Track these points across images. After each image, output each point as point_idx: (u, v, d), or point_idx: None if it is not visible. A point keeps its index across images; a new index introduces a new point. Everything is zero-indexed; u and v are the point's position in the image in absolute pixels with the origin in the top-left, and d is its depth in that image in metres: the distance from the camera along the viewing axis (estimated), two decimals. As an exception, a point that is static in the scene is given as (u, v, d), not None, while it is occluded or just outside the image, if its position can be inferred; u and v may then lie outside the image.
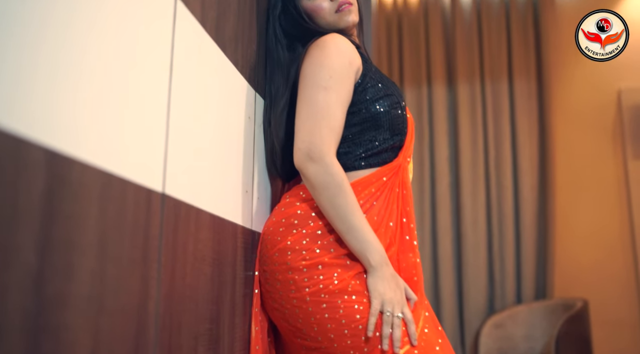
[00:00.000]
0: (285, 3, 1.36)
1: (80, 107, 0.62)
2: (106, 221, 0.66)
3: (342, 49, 1.24)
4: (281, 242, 1.19)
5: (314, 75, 1.21)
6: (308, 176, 1.16)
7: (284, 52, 1.36)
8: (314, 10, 1.33)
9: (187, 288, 0.88)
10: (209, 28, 0.98)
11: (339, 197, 1.14)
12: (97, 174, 0.65)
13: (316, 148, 1.15)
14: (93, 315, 0.63)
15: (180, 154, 0.86)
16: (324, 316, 1.13)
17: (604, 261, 3.60)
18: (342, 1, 1.32)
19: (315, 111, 1.18)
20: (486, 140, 3.84)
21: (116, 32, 0.69)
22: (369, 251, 1.14)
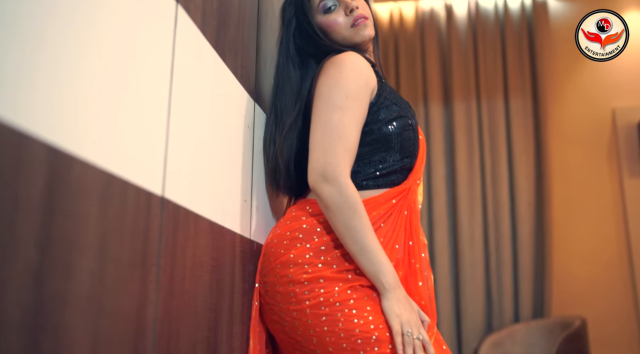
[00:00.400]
0: (299, 19, 1.34)
1: (81, 106, 0.62)
2: (106, 222, 0.66)
3: (358, 68, 1.22)
4: (284, 255, 1.18)
5: (330, 94, 1.19)
6: (322, 196, 1.14)
7: (295, 70, 1.34)
8: (329, 26, 1.32)
9: (185, 293, 0.87)
10: (209, 36, 0.99)
11: (353, 219, 1.12)
12: (98, 174, 0.65)
13: (331, 168, 1.13)
14: (92, 316, 0.63)
15: (179, 158, 0.86)
16: (323, 329, 1.11)
17: (602, 278, 3.59)
18: (358, 15, 1.31)
19: (331, 131, 1.16)
20: (482, 158, 3.85)
21: (117, 35, 0.70)
22: (382, 274, 1.12)
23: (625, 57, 3.86)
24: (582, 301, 3.57)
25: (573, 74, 3.95)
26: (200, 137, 0.94)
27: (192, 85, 0.91)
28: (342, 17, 1.32)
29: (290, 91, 1.32)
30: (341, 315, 1.11)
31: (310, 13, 1.33)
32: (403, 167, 1.28)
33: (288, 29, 1.35)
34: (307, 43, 1.34)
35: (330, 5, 1.32)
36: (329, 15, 1.32)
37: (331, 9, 1.32)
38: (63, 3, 0.60)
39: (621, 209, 3.68)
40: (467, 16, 4.07)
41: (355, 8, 1.32)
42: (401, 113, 1.27)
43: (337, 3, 1.32)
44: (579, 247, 3.68)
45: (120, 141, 0.70)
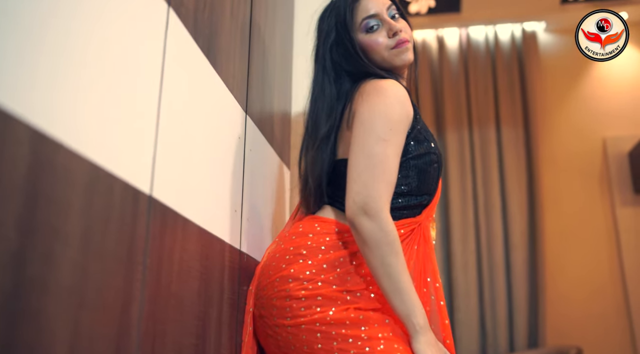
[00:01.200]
0: (340, 34, 1.30)
1: (71, 95, 0.62)
2: (91, 213, 0.65)
3: (401, 100, 1.19)
4: (285, 269, 1.16)
5: (373, 124, 1.16)
6: (361, 230, 1.10)
7: (330, 85, 1.29)
8: (370, 45, 1.29)
9: (172, 296, 0.86)
10: (201, 43, 1.00)
11: (391, 256, 1.09)
12: (84, 164, 0.64)
13: (373, 202, 1.10)
14: (74, 307, 0.61)
15: (168, 159, 0.86)
16: (317, 346, 1.09)
17: (596, 307, 3.56)
18: (401, 39, 1.27)
19: (373, 164, 1.12)
20: (475, 187, 3.86)
21: (110, 30, 0.70)
22: (414, 315, 1.08)
23: (615, 87, 3.93)
24: (577, 330, 3.53)
25: (564, 103, 4.00)
26: (189, 141, 0.94)
27: (182, 87, 0.91)
28: (383, 38, 1.28)
29: (323, 107, 1.28)
30: (336, 333, 1.08)
31: (352, 29, 1.29)
32: (420, 204, 1.25)
33: (326, 40, 1.32)
34: (344, 59, 1.30)
35: (374, 24, 1.29)
36: (370, 35, 1.29)
37: (373, 29, 1.29)
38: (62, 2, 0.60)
39: (614, 239, 3.67)
40: (458, 47, 4.13)
41: (399, 31, 1.28)
42: (430, 149, 1.24)
43: (381, 23, 1.29)
44: (573, 277, 3.66)
45: (108, 134, 0.69)
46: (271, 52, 1.56)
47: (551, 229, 3.75)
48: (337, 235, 1.20)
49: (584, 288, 3.62)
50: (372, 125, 1.16)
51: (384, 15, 1.29)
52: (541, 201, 3.73)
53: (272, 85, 1.56)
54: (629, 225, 3.64)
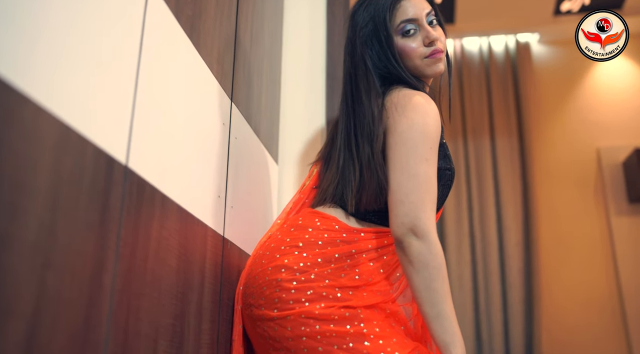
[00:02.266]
0: (377, 29, 1.26)
1: (41, 51, 0.61)
2: (60, 172, 0.64)
3: (437, 117, 1.18)
4: (279, 259, 1.14)
5: (416, 143, 1.13)
6: (410, 251, 1.09)
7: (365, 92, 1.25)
8: (404, 50, 1.25)
9: (149, 273, 0.84)
10: (183, 23, 0.99)
11: (437, 281, 1.07)
12: (53, 122, 0.63)
13: (422, 224, 1.09)
14: (39, 267, 0.60)
15: (145, 132, 0.84)
16: (302, 339, 1.07)
17: (592, 317, 3.53)
18: (437, 49, 1.24)
19: (419, 184, 1.11)
20: (470, 197, 3.85)
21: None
22: (453, 345, 1.05)
23: (609, 98, 3.94)
24: (573, 340, 3.49)
25: (558, 114, 4.01)
26: (168, 117, 0.93)
27: (161, 61, 0.90)
28: (418, 45, 1.24)
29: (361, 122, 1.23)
30: (320, 327, 1.06)
31: (390, 30, 1.25)
32: None
33: (360, 34, 1.27)
34: (377, 57, 1.26)
35: (411, 29, 1.25)
36: (406, 39, 1.25)
37: (410, 33, 1.25)
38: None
39: (609, 248, 3.66)
40: (452, 58, 4.15)
41: (436, 40, 1.24)
42: (449, 166, 1.23)
43: (418, 29, 1.25)
44: (569, 286, 3.64)
45: (81, 98, 0.68)
46: (260, 45, 1.56)
47: (546, 239, 3.73)
48: (337, 233, 1.19)
49: (579, 298, 3.59)
50: (415, 144, 1.13)
51: (423, 21, 1.25)
52: (536, 210, 3.72)
53: (260, 79, 1.55)
54: (624, 234, 3.63)
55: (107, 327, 0.72)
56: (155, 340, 0.85)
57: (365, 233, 1.20)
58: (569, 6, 3.82)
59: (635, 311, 3.47)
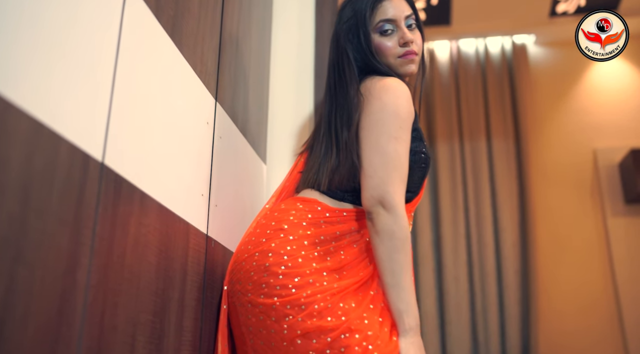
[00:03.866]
0: (357, 25, 1.33)
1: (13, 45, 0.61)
2: (31, 169, 0.64)
3: (408, 98, 1.24)
4: (265, 243, 1.16)
5: (385, 122, 1.19)
6: (376, 221, 1.14)
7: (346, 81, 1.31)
8: (380, 48, 1.31)
9: (126, 269, 0.84)
10: (164, 23, 1.00)
11: (399, 252, 1.12)
12: (23, 118, 0.63)
13: (390, 197, 1.14)
14: (8, 260, 0.60)
15: (123, 130, 0.85)
16: (283, 333, 1.08)
17: (589, 318, 3.53)
18: (410, 50, 1.31)
19: (387, 161, 1.17)
20: (466, 198, 3.85)
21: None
22: (407, 314, 1.11)
23: (605, 99, 3.94)
24: (570, 341, 3.49)
25: (554, 115, 4.01)
26: (147, 115, 0.93)
27: (140, 60, 0.91)
28: (393, 44, 1.31)
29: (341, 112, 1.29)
30: (302, 320, 1.07)
31: (369, 26, 1.32)
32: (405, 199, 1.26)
33: (343, 27, 1.35)
34: (356, 51, 1.33)
35: (388, 28, 1.32)
36: (383, 38, 1.32)
37: (387, 33, 1.32)
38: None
39: (605, 249, 3.66)
40: (449, 60, 4.16)
41: (410, 42, 1.31)
42: (422, 149, 1.27)
43: (395, 29, 1.32)
44: (565, 288, 3.63)
45: (53, 94, 0.69)
46: (246, 46, 1.56)
47: (543, 240, 3.73)
48: (319, 213, 1.22)
49: (576, 299, 3.59)
50: (384, 123, 1.19)
51: (401, 22, 1.32)
52: (532, 212, 3.72)
53: (247, 80, 1.56)
54: (620, 235, 3.63)
55: (82, 322, 0.73)
56: (133, 336, 0.86)
57: (348, 213, 1.23)
58: (565, 7, 3.82)
59: (631, 312, 3.46)
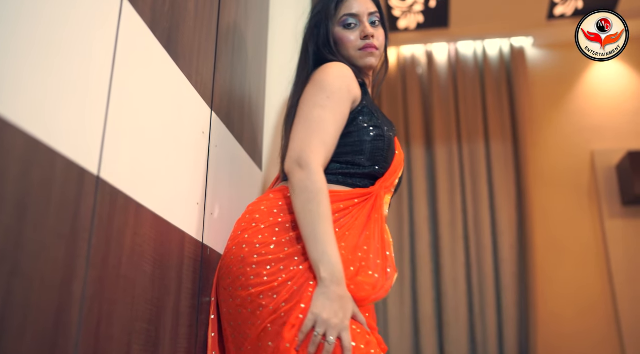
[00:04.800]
0: (321, 19, 1.42)
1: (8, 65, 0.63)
2: (28, 184, 0.66)
3: (342, 74, 1.29)
4: (240, 236, 1.20)
5: (313, 95, 1.26)
6: (292, 180, 1.16)
7: (304, 67, 1.41)
8: (342, 40, 1.40)
9: (122, 279, 0.86)
10: (159, 35, 1.02)
11: (312, 203, 1.12)
12: (20, 135, 0.65)
13: (305, 155, 1.16)
14: (5, 274, 0.62)
15: (118, 143, 0.87)
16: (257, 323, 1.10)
17: (587, 320, 3.54)
18: (370, 43, 1.38)
19: (309, 125, 1.21)
20: (464, 200, 3.87)
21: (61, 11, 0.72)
22: (322, 263, 1.08)
23: (603, 101, 3.96)
24: (567, 343, 3.50)
25: (552, 117, 4.03)
26: (143, 127, 0.95)
27: (136, 74, 0.93)
28: (355, 37, 1.39)
29: (295, 89, 1.41)
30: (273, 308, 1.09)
31: (332, 20, 1.41)
32: (370, 173, 1.31)
33: (311, 20, 1.45)
34: (318, 43, 1.42)
35: (351, 22, 1.40)
36: (346, 31, 1.40)
37: (350, 26, 1.40)
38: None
39: (603, 251, 3.67)
40: (447, 62, 4.18)
41: (371, 36, 1.39)
42: (377, 124, 1.32)
43: (358, 24, 1.40)
44: (563, 290, 3.65)
45: (50, 110, 0.71)
46: (242, 55, 1.58)
47: (540, 242, 3.75)
48: (288, 199, 1.24)
49: (574, 301, 3.60)
50: (312, 95, 1.26)
51: (364, 17, 1.40)
52: (530, 214, 3.73)
53: (243, 87, 1.58)
54: (617, 237, 3.64)
55: (78, 332, 0.75)
56: (128, 344, 0.88)
57: None
58: (563, 10, 3.84)
59: (629, 313, 3.48)
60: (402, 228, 3.84)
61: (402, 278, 3.73)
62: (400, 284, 3.72)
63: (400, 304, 3.69)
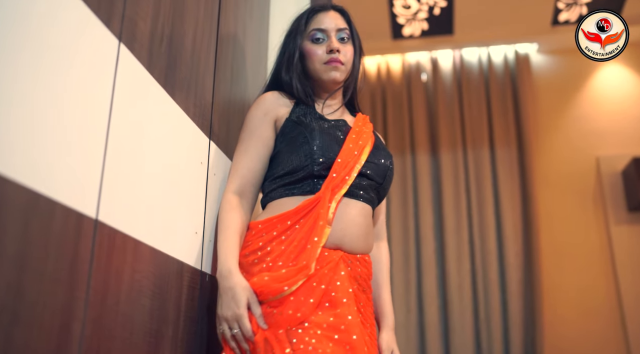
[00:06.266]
0: (290, 36, 1.48)
1: (9, 128, 0.67)
2: (28, 236, 0.70)
3: (259, 103, 1.41)
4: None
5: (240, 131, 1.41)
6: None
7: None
8: (308, 53, 1.44)
9: (120, 315, 0.90)
10: (157, 74, 1.06)
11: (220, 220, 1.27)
12: (21, 191, 0.69)
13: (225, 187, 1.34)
14: (5, 324, 0.66)
15: (116, 185, 0.91)
16: None
17: (593, 325, 3.55)
18: (334, 58, 1.41)
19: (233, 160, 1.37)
20: (470, 207, 3.89)
21: (55, 56, 0.76)
22: (219, 262, 1.21)
23: (608, 107, 3.96)
24: (574, 349, 3.52)
25: (557, 123, 4.03)
26: (140, 166, 0.99)
27: (133, 117, 0.97)
28: (322, 51, 1.42)
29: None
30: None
31: (302, 35, 1.45)
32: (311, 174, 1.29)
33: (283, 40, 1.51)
34: (278, 62, 1.49)
35: (319, 37, 1.44)
36: (314, 45, 1.43)
37: (319, 41, 1.44)
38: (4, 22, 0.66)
39: (609, 257, 3.68)
40: (452, 69, 4.19)
41: (337, 51, 1.41)
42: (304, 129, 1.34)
43: (325, 38, 1.43)
44: (569, 295, 3.66)
45: (48, 163, 0.75)
46: (241, 81, 1.62)
47: (546, 248, 3.76)
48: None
49: (579, 306, 3.61)
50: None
51: (332, 33, 1.44)
52: (536, 220, 3.74)
53: (243, 110, 1.61)
54: (623, 243, 3.65)
55: (77, 371, 0.79)
56: (127, 377, 0.91)
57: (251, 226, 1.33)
58: (567, 16, 3.84)
59: (635, 320, 3.48)
60: (408, 235, 3.87)
61: (407, 284, 3.76)
62: (406, 290, 3.74)
63: (405, 311, 3.72)
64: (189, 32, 1.23)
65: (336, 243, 1.26)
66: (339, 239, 1.27)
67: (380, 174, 1.38)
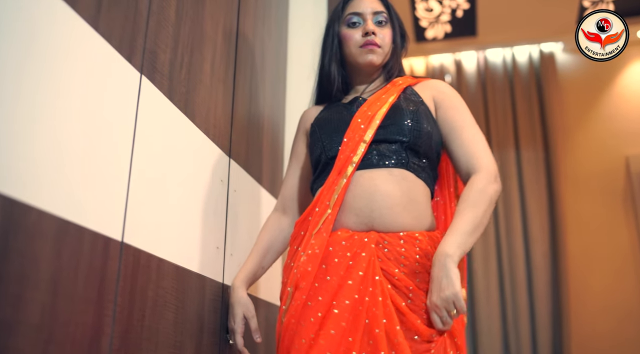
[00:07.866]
0: (332, 18, 1.47)
1: (40, 162, 0.75)
2: (60, 262, 0.77)
3: (299, 122, 1.51)
4: None
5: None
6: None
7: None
8: (344, 38, 1.42)
9: (145, 329, 0.97)
10: (177, 100, 1.13)
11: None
12: (53, 220, 0.76)
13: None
14: (41, 343, 0.73)
15: (140, 208, 0.98)
16: None
17: (622, 329, 3.51)
18: (370, 40, 1.38)
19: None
20: (496, 208, 3.88)
21: (82, 93, 0.83)
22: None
23: (636, 105, 3.90)
24: (602, 351, 3.49)
25: (584, 122, 3.99)
26: (163, 188, 1.06)
27: (156, 143, 1.04)
28: (358, 35, 1.39)
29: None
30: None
31: (339, 21, 1.45)
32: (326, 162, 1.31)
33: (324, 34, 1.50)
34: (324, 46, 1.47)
35: (355, 21, 1.42)
36: (349, 29, 1.41)
37: (355, 25, 1.41)
38: (36, 63, 0.73)
39: (639, 258, 3.63)
40: (476, 70, 4.19)
41: (372, 33, 1.38)
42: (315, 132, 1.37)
43: (361, 22, 1.41)
44: (598, 298, 3.62)
45: (76, 193, 0.82)
46: (259, 98, 1.68)
47: (574, 249, 3.73)
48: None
49: (608, 308, 3.58)
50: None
51: (368, 16, 1.41)
52: (563, 221, 3.72)
53: (262, 129, 1.68)
54: (653, 243, 3.60)
55: (106, 383, 0.86)
56: (153, 387, 0.98)
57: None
58: (592, 15, 3.80)
59: (667, 321, 3.44)
60: (434, 237, 3.88)
61: (434, 287, 3.78)
62: (433, 292, 3.76)
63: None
64: (208, 57, 1.30)
65: (365, 223, 1.20)
66: (366, 217, 1.20)
67: (400, 133, 1.27)
